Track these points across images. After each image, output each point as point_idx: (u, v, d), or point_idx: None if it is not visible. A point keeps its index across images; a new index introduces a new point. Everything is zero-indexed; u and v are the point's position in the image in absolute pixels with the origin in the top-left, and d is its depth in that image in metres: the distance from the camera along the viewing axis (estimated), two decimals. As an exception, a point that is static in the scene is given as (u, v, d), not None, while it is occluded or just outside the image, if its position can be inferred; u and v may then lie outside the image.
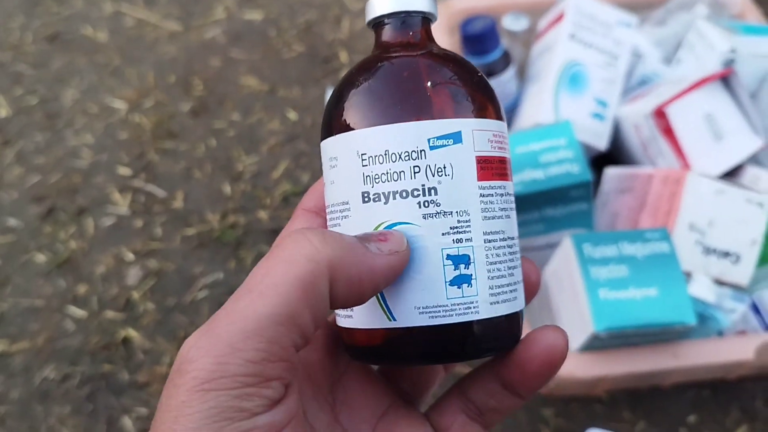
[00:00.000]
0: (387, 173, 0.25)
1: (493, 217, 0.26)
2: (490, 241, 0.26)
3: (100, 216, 0.85)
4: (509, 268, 0.26)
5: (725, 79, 0.68)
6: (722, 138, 0.67)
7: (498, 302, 0.26)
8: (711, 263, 0.61)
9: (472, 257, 0.25)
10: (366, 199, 0.26)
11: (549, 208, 0.64)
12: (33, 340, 0.74)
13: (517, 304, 0.27)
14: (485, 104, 0.27)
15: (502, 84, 0.77)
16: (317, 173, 0.88)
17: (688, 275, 0.59)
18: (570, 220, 0.65)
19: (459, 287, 0.25)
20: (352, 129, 0.26)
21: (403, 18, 0.28)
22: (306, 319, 0.22)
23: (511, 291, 0.26)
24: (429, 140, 0.25)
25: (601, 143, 0.73)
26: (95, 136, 0.95)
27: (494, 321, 0.26)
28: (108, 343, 0.74)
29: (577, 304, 0.56)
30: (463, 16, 0.82)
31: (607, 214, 0.71)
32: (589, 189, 0.63)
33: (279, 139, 0.93)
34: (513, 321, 0.27)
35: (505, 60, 0.77)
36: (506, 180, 0.27)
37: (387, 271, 0.24)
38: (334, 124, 0.27)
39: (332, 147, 0.27)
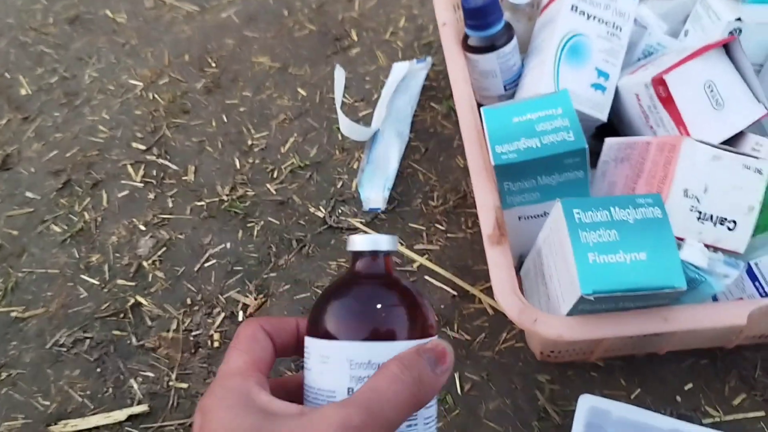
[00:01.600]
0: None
1: None
2: None
3: (114, 189, 0.88)
4: None
5: (727, 47, 0.68)
6: (723, 106, 0.67)
7: None
8: (706, 230, 0.60)
9: None
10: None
11: (544, 177, 0.65)
12: (46, 307, 0.77)
13: None
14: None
15: (504, 56, 0.77)
16: (324, 147, 0.90)
17: (682, 242, 0.59)
18: (565, 189, 0.65)
19: None
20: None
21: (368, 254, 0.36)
22: None
23: None
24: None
25: (602, 114, 0.73)
26: (111, 113, 0.98)
27: None
28: (118, 309, 0.76)
29: (567, 268, 0.56)
30: (467, -11, 0.82)
31: (606, 184, 0.71)
32: (585, 157, 0.63)
33: (288, 114, 0.94)
34: None
35: (508, 33, 0.77)
36: None
37: (442, 386, 0.32)
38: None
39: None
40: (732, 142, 0.68)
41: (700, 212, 0.60)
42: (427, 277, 0.75)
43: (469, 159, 0.67)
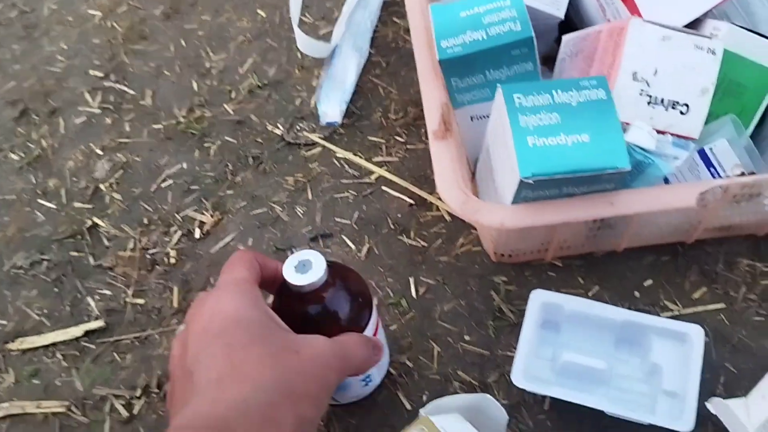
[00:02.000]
0: None
1: None
2: None
3: (72, 116, 0.87)
4: None
5: (683, -71, 0.65)
6: (679, -9, 0.64)
7: None
8: (658, 114, 0.58)
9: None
10: None
11: (493, 71, 0.62)
12: (3, 232, 0.76)
13: None
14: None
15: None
16: (283, 66, 0.88)
17: (629, 125, 0.57)
18: (515, 82, 0.63)
19: None
20: None
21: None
22: None
23: None
24: None
25: (559, 11, 0.70)
26: (69, 43, 0.96)
27: None
28: (75, 231, 0.75)
29: (508, 155, 0.54)
30: None
31: (562, 79, 0.68)
32: (532, 47, 0.60)
33: (247, 36, 0.92)
34: None
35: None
36: None
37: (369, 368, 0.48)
38: None
39: None
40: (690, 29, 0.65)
41: (650, 96, 0.58)
42: (384, 188, 0.73)
43: (417, 59, 0.65)
